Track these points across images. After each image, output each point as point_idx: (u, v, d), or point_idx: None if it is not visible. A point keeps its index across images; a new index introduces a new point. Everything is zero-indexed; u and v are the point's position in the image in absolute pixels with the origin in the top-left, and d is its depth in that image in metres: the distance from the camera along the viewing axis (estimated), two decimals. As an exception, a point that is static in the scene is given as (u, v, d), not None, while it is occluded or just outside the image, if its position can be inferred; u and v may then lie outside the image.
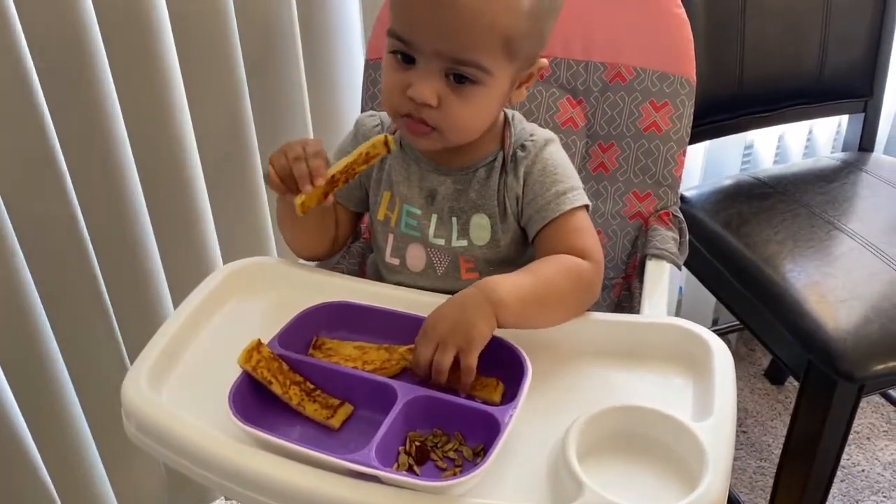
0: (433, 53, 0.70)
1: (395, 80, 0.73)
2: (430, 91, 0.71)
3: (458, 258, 0.82)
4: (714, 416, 0.63)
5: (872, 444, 1.53)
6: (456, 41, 0.69)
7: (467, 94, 0.72)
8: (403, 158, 0.84)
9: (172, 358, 0.71)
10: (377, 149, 0.74)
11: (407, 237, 0.83)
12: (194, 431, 0.63)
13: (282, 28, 1.06)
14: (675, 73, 0.93)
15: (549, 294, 0.73)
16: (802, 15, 1.23)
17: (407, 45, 0.72)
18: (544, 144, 0.80)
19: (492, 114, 0.77)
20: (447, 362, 0.65)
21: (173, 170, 1.06)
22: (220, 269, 0.82)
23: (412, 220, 0.82)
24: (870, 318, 0.97)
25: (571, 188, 0.79)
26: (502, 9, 0.69)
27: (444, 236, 0.81)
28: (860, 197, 1.23)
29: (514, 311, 0.69)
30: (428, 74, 0.71)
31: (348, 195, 0.88)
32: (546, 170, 0.79)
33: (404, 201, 0.83)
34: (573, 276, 0.74)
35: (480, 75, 0.71)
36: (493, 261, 0.81)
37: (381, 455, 0.59)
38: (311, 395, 0.66)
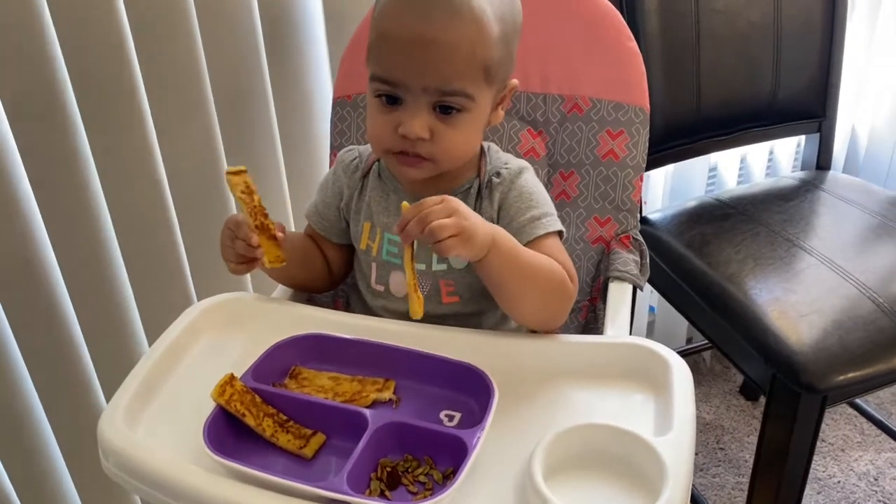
0: (421, 90, 0.74)
1: (384, 121, 0.77)
2: (422, 126, 0.75)
3: (438, 282, 0.84)
4: (674, 430, 0.65)
5: (847, 456, 1.55)
6: (441, 75, 0.74)
7: (455, 122, 0.76)
8: (382, 189, 0.87)
9: (148, 395, 0.72)
10: (238, 179, 0.76)
11: (389, 265, 0.86)
12: (171, 466, 0.64)
13: (251, 64, 1.09)
14: (629, 103, 0.97)
15: (534, 272, 0.77)
16: (754, 42, 1.28)
17: (393, 87, 0.76)
18: (519, 172, 0.84)
19: (479, 137, 0.82)
20: (440, 221, 0.69)
21: (145, 206, 1.07)
22: (195, 306, 0.83)
23: (393, 247, 0.85)
24: (829, 332, 1.00)
25: (546, 214, 0.82)
26: (478, 39, 0.74)
27: (425, 261, 0.84)
28: (818, 214, 1.27)
29: (501, 252, 0.73)
30: (417, 110, 0.75)
31: (330, 229, 0.91)
32: (522, 196, 0.82)
33: (385, 230, 0.86)
34: (558, 274, 0.78)
35: (466, 103, 0.76)
36: (472, 284, 0.84)
37: (353, 482, 0.61)
38: (284, 426, 0.68)
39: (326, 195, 0.91)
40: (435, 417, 0.70)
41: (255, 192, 0.77)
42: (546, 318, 0.80)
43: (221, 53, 1.07)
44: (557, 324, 0.82)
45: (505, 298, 0.78)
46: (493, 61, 0.76)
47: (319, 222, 0.92)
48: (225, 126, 1.10)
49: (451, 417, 0.71)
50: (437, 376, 0.73)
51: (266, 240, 0.77)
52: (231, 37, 1.07)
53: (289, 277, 0.90)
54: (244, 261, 0.80)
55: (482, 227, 0.72)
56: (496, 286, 0.77)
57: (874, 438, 1.58)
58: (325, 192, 0.91)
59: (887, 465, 1.52)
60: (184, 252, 1.14)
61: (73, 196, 1.02)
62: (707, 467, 1.54)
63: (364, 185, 0.88)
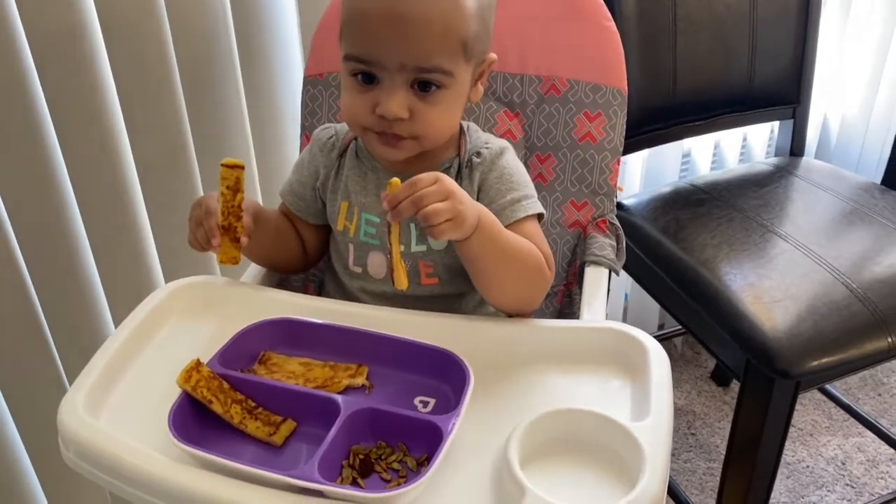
0: (397, 67, 0.72)
1: (361, 101, 0.75)
2: (400, 105, 0.73)
3: (417, 263, 0.83)
4: (651, 416, 0.64)
5: (815, 440, 1.57)
6: (418, 51, 0.72)
7: (435, 99, 0.75)
8: (360, 168, 0.85)
9: (111, 381, 0.70)
10: (230, 173, 0.74)
11: (367, 245, 0.84)
12: (135, 455, 0.62)
13: (219, 45, 1.06)
14: (607, 85, 0.95)
15: (512, 255, 0.75)
16: (730, 28, 1.28)
17: (368, 65, 0.73)
18: (500, 152, 0.83)
19: (459, 114, 0.80)
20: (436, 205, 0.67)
21: (110, 187, 1.04)
22: (161, 288, 0.81)
23: (371, 227, 0.83)
24: (803, 317, 1.00)
25: (526, 196, 0.81)
26: (454, 13, 0.72)
27: (404, 242, 0.82)
28: (791, 200, 1.27)
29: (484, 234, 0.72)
30: (394, 89, 0.73)
31: (306, 210, 0.89)
32: (502, 177, 0.81)
33: (363, 210, 0.84)
34: (535, 259, 0.77)
35: (444, 79, 0.74)
36: (451, 266, 0.83)
37: (324, 470, 0.59)
38: (252, 412, 0.66)
39: (302, 174, 0.89)
40: (409, 403, 0.69)
41: (241, 191, 0.75)
42: (521, 302, 0.79)
43: (189, 31, 1.04)
44: (531, 309, 0.81)
45: (482, 280, 0.77)
46: (470, 36, 0.74)
47: (295, 202, 0.89)
48: (192, 105, 1.07)
49: (425, 403, 0.69)
50: (411, 362, 0.71)
51: (228, 241, 0.76)
52: (199, 14, 1.04)
53: (263, 256, 0.88)
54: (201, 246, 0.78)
55: (471, 209, 0.71)
56: (474, 267, 0.76)
57: (842, 423, 1.60)
58: (301, 172, 0.89)
59: (854, 450, 1.54)
60: (151, 233, 1.11)
61: (34, 175, 0.99)
62: (678, 452, 1.55)
63: (341, 164, 0.86)
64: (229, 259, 0.77)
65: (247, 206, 0.78)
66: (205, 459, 0.60)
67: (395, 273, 0.71)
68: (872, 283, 1.04)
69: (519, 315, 0.81)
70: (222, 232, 0.76)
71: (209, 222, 0.76)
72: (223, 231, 0.76)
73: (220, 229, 0.76)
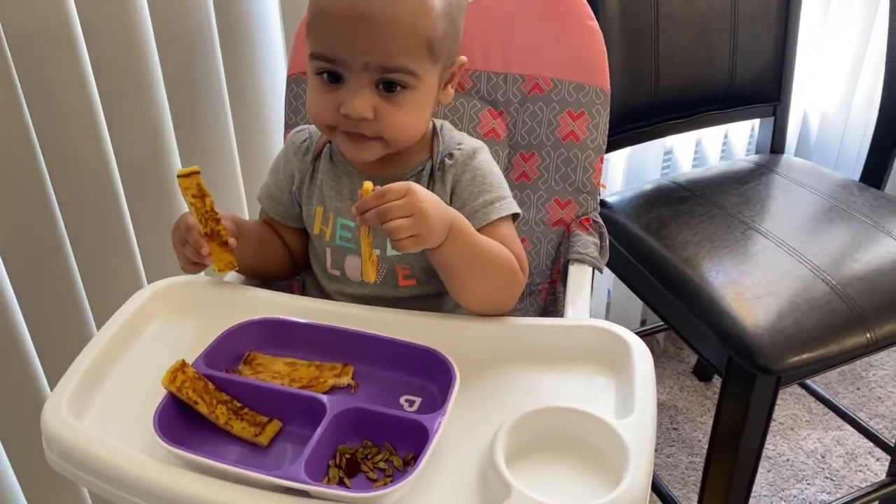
0: (362, 67, 0.72)
1: (325, 100, 0.75)
2: (364, 105, 0.73)
3: (394, 266, 0.83)
4: (635, 413, 0.65)
5: (796, 434, 1.59)
6: (382, 51, 0.71)
7: (400, 100, 0.74)
8: (334, 172, 0.85)
9: (95, 382, 0.70)
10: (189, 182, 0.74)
11: (343, 249, 0.84)
12: (119, 456, 0.62)
13: (202, 45, 1.06)
14: (590, 84, 0.96)
15: (485, 261, 0.75)
16: (712, 26, 1.29)
17: (333, 64, 0.73)
18: (473, 153, 0.82)
19: (427, 116, 0.79)
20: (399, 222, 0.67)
21: (93, 187, 1.03)
22: (144, 289, 0.80)
23: (346, 232, 0.83)
24: (784, 314, 1.01)
25: (500, 197, 0.81)
26: (419, 13, 0.71)
27: (379, 246, 0.82)
28: (772, 197, 1.28)
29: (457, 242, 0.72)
30: (359, 89, 0.73)
31: (285, 214, 0.89)
32: (475, 179, 0.81)
33: (338, 214, 0.83)
34: (509, 263, 0.77)
35: (410, 80, 0.73)
36: (428, 267, 0.82)
37: (310, 470, 0.59)
38: (238, 413, 0.66)
39: (278, 178, 0.89)
40: (395, 403, 0.69)
41: (207, 195, 0.75)
42: (494, 304, 0.78)
43: (172, 31, 1.03)
44: (504, 311, 0.80)
45: (454, 285, 0.77)
46: (437, 36, 0.73)
47: (273, 206, 0.89)
48: (175, 105, 1.06)
49: (411, 402, 0.69)
50: (396, 361, 0.71)
51: (217, 246, 0.76)
52: (182, 13, 1.03)
53: (250, 268, 0.87)
54: (194, 262, 0.78)
55: (440, 223, 0.70)
56: (447, 272, 0.76)
57: (822, 417, 1.62)
58: (277, 175, 0.89)
59: (834, 443, 1.56)
60: (133, 234, 1.10)
61: (14, 176, 0.98)
62: (661, 447, 1.56)
63: (315, 168, 0.86)
64: (226, 265, 0.77)
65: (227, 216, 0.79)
66: (190, 460, 0.59)
67: (363, 267, 0.71)
68: (851, 280, 1.05)
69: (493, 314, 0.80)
70: (208, 239, 0.76)
71: (192, 236, 0.76)
72: (208, 238, 0.76)
73: (205, 237, 0.75)
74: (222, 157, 1.13)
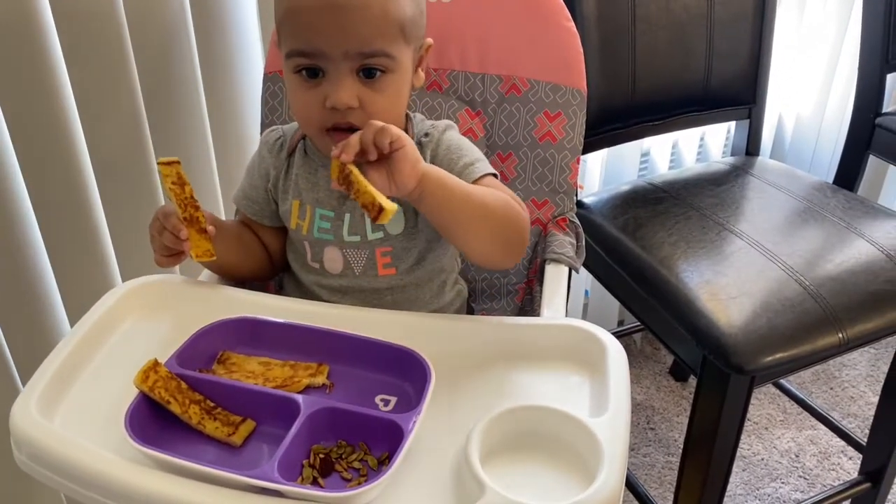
0: (342, 56, 0.73)
1: (310, 98, 0.75)
2: (350, 94, 0.74)
3: (374, 252, 0.83)
4: (609, 411, 0.65)
5: (770, 434, 1.61)
6: (360, 36, 0.72)
7: (381, 85, 0.75)
8: (309, 165, 0.85)
9: (66, 381, 0.69)
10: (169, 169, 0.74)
11: (321, 242, 0.84)
12: (90, 456, 0.61)
13: (178, 42, 1.05)
14: (566, 85, 0.96)
15: (477, 199, 0.75)
16: (688, 29, 1.30)
17: (312, 58, 0.74)
18: (444, 129, 0.84)
19: (406, 100, 0.80)
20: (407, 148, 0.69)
21: (67, 185, 1.02)
22: (118, 287, 0.80)
23: (325, 223, 0.83)
24: (758, 314, 1.02)
25: (477, 160, 0.82)
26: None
27: (359, 232, 0.82)
28: (747, 199, 1.29)
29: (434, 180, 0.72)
30: (341, 79, 0.73)
31: (261, 213, 0.89)
32: (450, 148, 0.82)
33: (316, 205, 0.83)
34: (503, 200, 0.77)
35: (389, 63, 0.75)
36: (409, 249, 0.83)
37: (284, 469, 0.59)
38: (211, 413, 0.65)
39: (253, 178, 0.88)
40: (370, 402, 0.69)
41: (186, 184, 0.75)
42: (504, 247, 0.79)
43: (147, 27, 1.02)
44: (517, 255, 0.80)
45: (457, 232, 0.76)
46: (407, 18, 0.75)
47: (249, 206, 0.89)
48: (151, 103, 1.06)
49: (386, 402, 0.69)
50: (372, 360, 0.71)
51: (195, 233, 0.76)
52: (157, 8, 1.02)
53: (231, 269, 0.87)
54: (171, 253, 0.78)
55: None
56: (445, 220, 0.75)
57: (796, 417, 1.64)
58: (252, 175, 0.89)
59: (808, 442, 1.58)
60: (108, 231, 1.09)
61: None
62: (638, 447, 1.57)
63: (290, 163, 0.86)
64: (204, 252, 0.76)
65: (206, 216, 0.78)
66: (162, 460, 0.59)
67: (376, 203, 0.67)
68: (824, 281, 1.06)
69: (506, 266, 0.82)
70: (187, 224, 0.75)
71: (170, 221, 0.75)
72: (187, 223, 0.75)
73: (184, 222, 0.75)
74: (198, 156, 1.13)
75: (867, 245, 1.13)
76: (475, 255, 0.80)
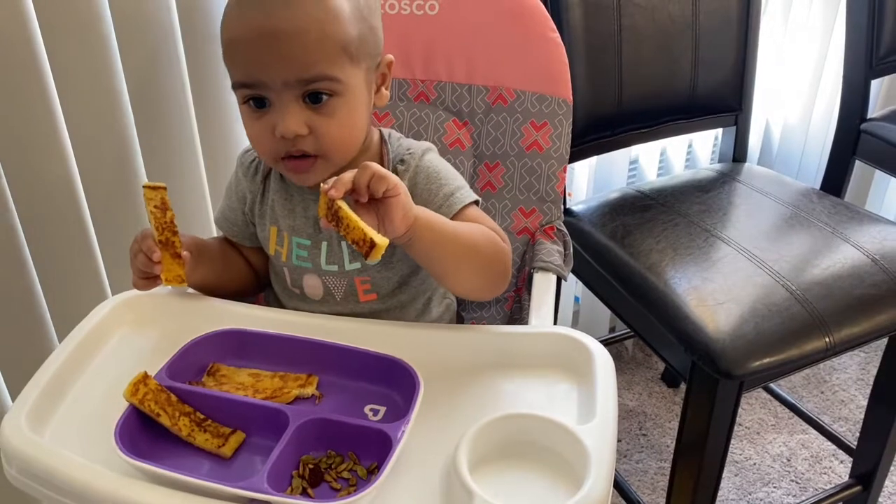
0: (282, 84, 0.71)
1: (259, 127, 0.75)
2: (296, 122, 0.72)
3: (353, 281, 0.83)
4: (597, 418, 0.66)
5: (762, 438, 1.61)
6: (298, 63, 0.71)
7: (330, 109, 0.73)
8: (286, 190, 0.84)
9: (56, 395, 0.69)
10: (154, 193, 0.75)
11: (300, 269, 0.84)
12: (80, 470, 0.61)
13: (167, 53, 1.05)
14: (552, 95, 0.97)
15: (465, 239, 0.75)
16: (674, 38, 1.31)
17: (255, 89, 0.73)
18: (422, 154, 0.82)
19: (363, 122, 0.78)
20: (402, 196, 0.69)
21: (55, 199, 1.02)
22: (107, 301, 0.80)
23: (302, 251, 0.83)
24: (745, 319, 1.03)
25: (458, 188, 0.81)
26: (326, 19, 0.71)
27: (337, 262, 0.82)
28: (734, 205, 1.30)
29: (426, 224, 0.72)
30: (285, 107, 0.72)
31: (241, 235, 0.89)
32: (430, 177, 0.81)
33: (292, 234, 0.83)
34: (489, 236, 0.78)
35: (334, 86, 0.73)
36: (389, 277, 0.83)
37: (273, 480, 0.59)
38: (201, 425, 0.66)
39: (231, 200, 0.88)
40: (359, 412, 0.69)
41: (169, 209, 0.75)
42: (489, 283, 0.79)
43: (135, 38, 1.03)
44: (501, 288, 0.80)
45: (444, 272, 0.77)
46: (351, 39, 0.73)
47: (229, 228, 0.89)
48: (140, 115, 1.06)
49: (375, 412, 0.70)
50: (361, 370, 0.72)
51: (169, 257, 0.76)
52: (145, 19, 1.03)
53: (216, 288, 0.85)
54: (146, 276, 0.77)
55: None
56: (433, 262, 0.75)
57: (787, 421, 1.65)
58: (231, 197, 0.89)
59: (799, 447, 1.59)
60: (97, 246, 1.09)
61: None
62: (630, 453, 1.58)
63: (266, 187, 0.85)
64: (174, 277, 0.76)
65: (187, 238, 0.78)
66: (153, 473, 0.59)
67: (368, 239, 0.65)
68: (811, 286, 1.07)
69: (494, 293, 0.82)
70: (161, 247, 0.75)
71: (146, 243, 0.76)
72: (162, 246, 0.75)
73: (159, 244, 0.75)
74: (188, 168, 1.13)
75: (853, 250, 1.14)
76: (460, 290, 0.80)
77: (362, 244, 0.66)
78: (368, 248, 0.65)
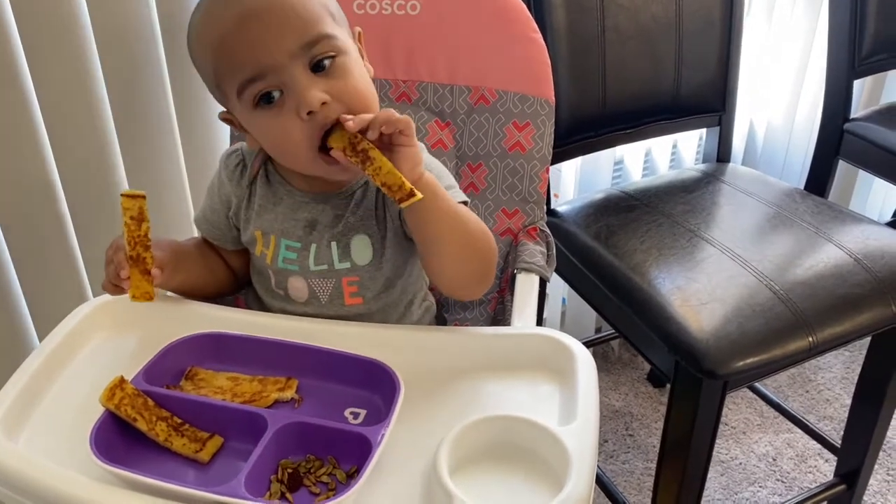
0: (290, 58, 0.71)
1: (283, 121, 0.73)
2: (316, 91, 0.71)
3: (341, 282, 0.82)
4: (578, 419, 0.66)
5: (748, 438, 1.62)
6: (296, 29, 0.71)
7: (338, 70, 0.73)
8: (273, 194, 0.83)
9: (31, 401, 0.68)
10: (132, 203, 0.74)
11: (285, 272, 0.83)
12: (55, 477, 0.60)
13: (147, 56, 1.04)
14: (534, 95, 0.97)
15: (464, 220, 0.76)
16: (657, 37, 1.31)
17: (265, 78, 0.71)
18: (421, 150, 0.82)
19: (369, 79, 0.78)
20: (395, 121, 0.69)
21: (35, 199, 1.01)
22: (85, 304, 0.79)
23: (291, 253, 0.82)
24: (729, 319, 1.03)
25: (450, 186, 0.81)
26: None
27: (326, 262, 0.81)
28: (718, 206, 1.31)
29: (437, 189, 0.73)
30: (300, 83, 0.71)
31: (223, 238, 0.88)
32: (430, 169, 0.80)
33: (281, 237, 0.82)
34: (485, 228, 0.78)
35: (334, 44, 0.73)
36: (376, 279, 0.82)
37: (251, 485, 0.58)
38: (178, 429, 0.65)
39: (214, 201, 0.87)
40: (339, 415, 0.69)
41: (145, 220, 0.74)
42: (476, 273, 0.79)
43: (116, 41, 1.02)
44: (485, 285, 0.80)
45: (438, 248, 0.76)
46: (331, 5, 0.76)
47: (210, 231, 0.88)
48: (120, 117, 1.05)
49: (355, 415, 0.69)
50: (340, 373, 0.71)
51: (138, 273, 0.75)
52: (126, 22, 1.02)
53: (194, 292, 0.85)
54: (114, 285, 0.77)
55: None
56: (430, 231, 0.75)
57: (772, 420, 1.65)
58: (213, 199, 0.87)
59: (785, 446, 1.59)
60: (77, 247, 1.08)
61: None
62: (616, 454, 1.58)
63: (252, 191, 0.84)
64: (141, 294, 0.76)
65: (164, 246, 0.77)
66: (129, 479, 0.59)
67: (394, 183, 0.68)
68: (794, 286, 1.07)
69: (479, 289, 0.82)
70: (131, 264, 0.74)
71: (117, 257, 0.75)
72: (132, 262, 0.74)
73: (129, 260, 0.74)
74: (169, 171, 1.12)
75: (836, 250, 1.14)
76: (447, 275, 0.79)
77: (398, 190, 0.68)
78: (405, 196, 0.68)
